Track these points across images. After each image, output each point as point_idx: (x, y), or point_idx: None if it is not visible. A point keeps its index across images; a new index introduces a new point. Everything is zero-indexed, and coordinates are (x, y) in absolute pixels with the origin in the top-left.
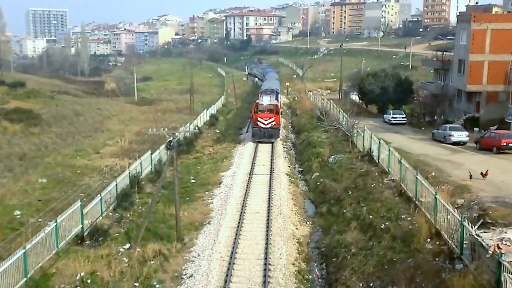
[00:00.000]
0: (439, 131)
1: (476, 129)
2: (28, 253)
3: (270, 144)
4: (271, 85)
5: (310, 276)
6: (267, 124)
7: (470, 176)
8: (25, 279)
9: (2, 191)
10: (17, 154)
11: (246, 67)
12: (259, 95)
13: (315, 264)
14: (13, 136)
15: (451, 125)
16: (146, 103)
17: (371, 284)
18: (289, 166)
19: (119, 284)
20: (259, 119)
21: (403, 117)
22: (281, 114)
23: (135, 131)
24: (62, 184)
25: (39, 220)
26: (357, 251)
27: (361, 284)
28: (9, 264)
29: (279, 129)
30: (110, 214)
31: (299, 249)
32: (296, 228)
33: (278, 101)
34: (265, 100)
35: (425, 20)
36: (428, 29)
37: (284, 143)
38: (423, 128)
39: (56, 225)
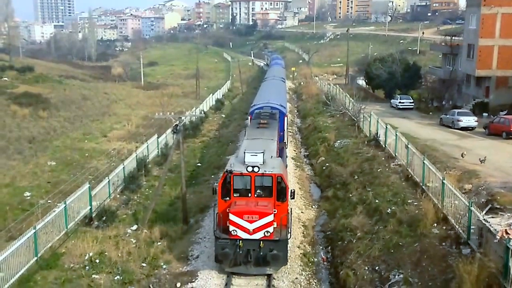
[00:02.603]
0: (447, 116)
1: (485, 114)
2: (38, 233)
3: None
4: (271, 97)
5: (316, 259)
6: (254, 231)
7: (482, 161)
8: (35, 258)
9: (13, 173)
10: (26, 138)
11: (251, 52)
12: (245, 128)
13: (321, 247)
14: (23, 119)
15: (459, 110)
16: (153, 88)
17: (376, 268)
18: (294, 150)
19: (126, 264)
20: (233, 218)
21: (410, 102)
22: (293, 193)
23: (142, 115)
24: (71, 166)
25: (49, 201)
26: (362, 235)
27: (366, 268)
28: (20, 243)
29: (287, 241)
30: (118, 196)
31: (305, 233)
32: (302, 212)
33: (284, 146)
34: (251, 159)
35: (434, 5)
36: (436, 14)
37: (290, 127)
38: (430, 113)
39: (65, 206)
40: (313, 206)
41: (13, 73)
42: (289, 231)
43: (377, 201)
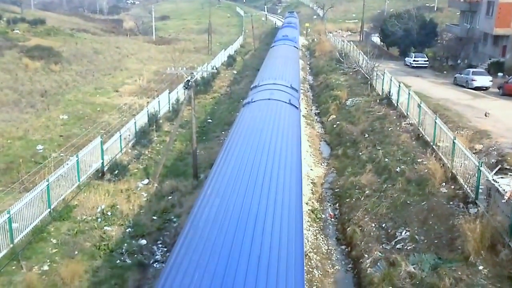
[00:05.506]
0: (462, 75)
1: (500, 74)
2: (51, 185)
3: None
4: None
5: (323, 216)
6: None
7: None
8: (49, 209)
9: (26, 126)
10: (38, 91)
11: (265, 6)
12: None
13: (329, 204)
14: (35, 73)
15: (474, 70)
16: (164, 43)
17: (383, 225)
18: (305, 108)
19: (138, 217)
20: None
21: (425, 61)
22: None
23: (153, 70)
24: (83, 120)
25: (61, 155)
26: (371, 193)
27: (373, 225)
28: (34, 195)
29: None
30: (129, 150)
31: (313, 189)
32: (311, 169)
33: None
34: None
35: None
36: None
37: (302, 84)
38: (445, 72)
39: (78, 159)
40: (322, 164)
41: (24, 25)
42: None
43: (386, 159)
